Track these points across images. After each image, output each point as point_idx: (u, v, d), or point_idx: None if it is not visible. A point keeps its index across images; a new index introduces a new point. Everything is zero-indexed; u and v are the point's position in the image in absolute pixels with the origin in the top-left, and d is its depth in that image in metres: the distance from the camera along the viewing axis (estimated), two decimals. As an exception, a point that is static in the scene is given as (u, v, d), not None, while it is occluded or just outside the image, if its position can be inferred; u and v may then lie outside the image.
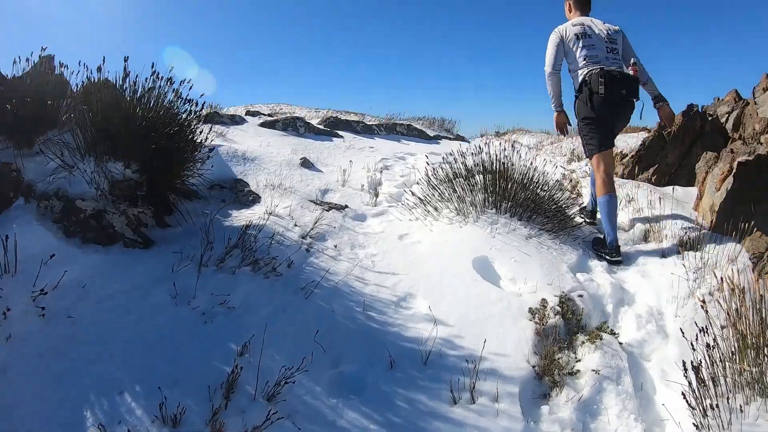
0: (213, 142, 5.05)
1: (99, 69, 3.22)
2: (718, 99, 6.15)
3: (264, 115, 7.19)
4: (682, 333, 2.13)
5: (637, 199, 4.10)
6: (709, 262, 2.92)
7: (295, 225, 3.47)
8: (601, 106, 3.13)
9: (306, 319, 2.50)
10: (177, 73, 3.33)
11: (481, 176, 3.73)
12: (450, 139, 8.31)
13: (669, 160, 4.75)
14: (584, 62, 3.19)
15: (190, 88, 3.51)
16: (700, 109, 6.44)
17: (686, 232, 3.34)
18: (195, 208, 3.65)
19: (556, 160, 5.95)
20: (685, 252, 3.13)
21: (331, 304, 2.65)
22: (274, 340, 2.31)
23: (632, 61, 3.24)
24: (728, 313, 2.12)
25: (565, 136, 3.59)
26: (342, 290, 2.80)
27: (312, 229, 3.44)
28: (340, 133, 6.88)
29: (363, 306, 2.66)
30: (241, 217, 3.55)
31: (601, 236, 3.40)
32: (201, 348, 2.15)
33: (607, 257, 3.21)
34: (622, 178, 4.83)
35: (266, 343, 2.18)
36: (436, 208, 3.67)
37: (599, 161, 3.24)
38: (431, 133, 8.12)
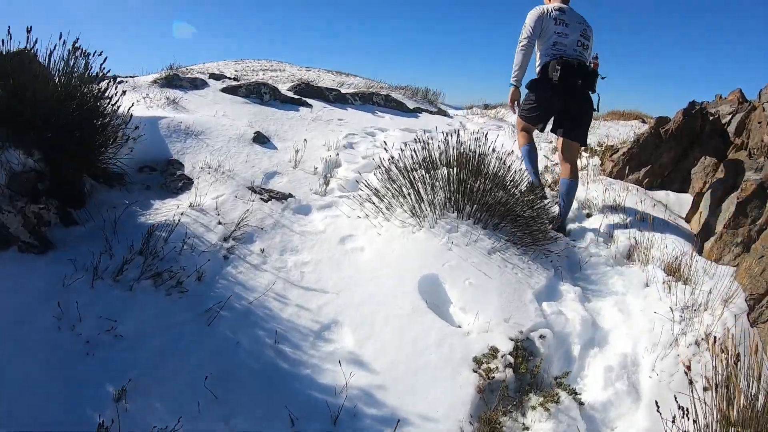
0: (156, 113, 4.42)
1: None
2: (720, 97, 5.58)
3: (228, 78, 6.49)
4: (657, 407, 1.67)
5: (625, 204, 3.59)
6: (700, 300, 2.45)
7: (219, 223, 2.91)
8: (550, 96, 3.27)
9: (203, 354, 2.02)
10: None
11: (446, 170, 3.18)
12: (431, 112, 7.66)
13: (663, 160, 4.22)
14: (552, 48, 3.23)
15: (104, 60, 2.92)
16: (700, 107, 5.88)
17: (676, 256, 2.86)
18: (114, 197, 3.10)
19: (539, 145, 5.38)
20: (674, 283, 2.66)
21: (237, 334, 2.16)
22: (163, 379, 1.87)
23: (595, 54, 3.35)
24: (714, 386, 1.67)
25: (514, 113, 3.61)
26: (255, 313, 2.29)
27: (237, 227, 2.89)
28: (310, 101, 6.22)
29: (276, 337, 2.16)
30: (162, 209, 3.00)
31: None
32: (73, 391, 1.74)
33: (535, 192, 3.31)
34: (611, 176, 4.30)
35: (150, 385, 1.78)
36: (388, 207, 3.13)
37: (521, 126, 3.52)
38: (411, 105, 7.47)
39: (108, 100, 3.06)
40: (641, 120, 8.33)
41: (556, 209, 3.44)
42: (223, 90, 5.84)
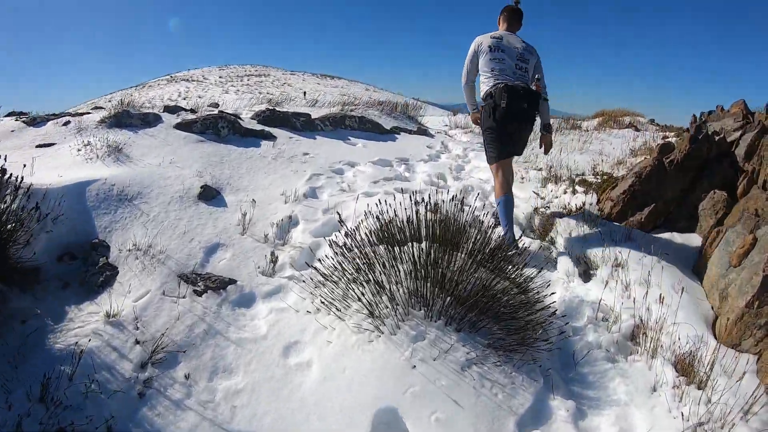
0: (87, 173, 3.88)
1: None
2: (722, 110, 5.05)
3: (185, 110, 5.91)
4: None
5: (628, 264, 3.08)
6: (716, 414, 1.97)
7: (137, 342, 2.41)
8: (502, 119, 3.29)
9: None
10: None
11: (414, 246, 2.65)
12: (410, 131, 7.09)
13: (668, 195, 3.70)
14: (491, 74, 3.35)
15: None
16: (700, 119, 5.36)
17: (690, 350, 2.36)
18: (25, 305, 2.61)
19: (529, 174, 4.85)
20: (686, 387, 2.17)
21: None
22: None
23: (537, 77, 3.42)
24: None
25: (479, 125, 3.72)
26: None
27: (158, 348, 2.38)
28: (275, 132, 5.67)
29: None
30: (76, 322, 2.55)
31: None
32: None
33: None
34: (610, 218, 3.78)
35: None
36: (344, 297, 2.61)
37: (498, 169, 3.43)
38: (388, 125, 6.91)
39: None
40: (634, 128, 7.78)
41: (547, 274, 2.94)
42: (178, 126, 5.30)
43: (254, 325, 2.66)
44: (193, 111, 5.93)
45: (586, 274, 3.20)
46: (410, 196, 3.14)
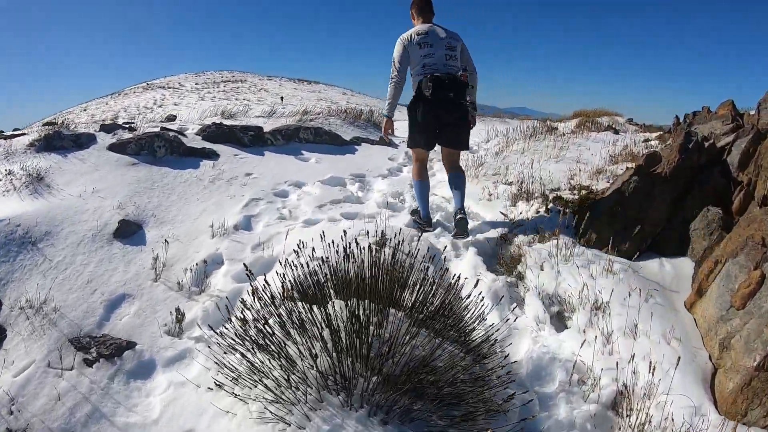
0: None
1: None
2: (709, 111, 4.57)
3: (123, 129, 5.29)
4: None
5: (609, 307, 2.54)
6: None
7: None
8: (427, 111, 3.34)
9: None
10: None
11: (336, 306, 2.09)
12: (372, 142, 6.52)
13: (655, 215, 3.18)
14: (422, 69, 3.35)
15: None
16: (684, 121, 4.88)
17: (683, 419, 1.83)
18: None
19: (497, 189, 4.30)
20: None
21: None
22: None
23: (464, 67, 3.44)
24: None
25: (388, 141, 4.12)
26: None
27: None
28: (219, 149, 5.08)
29: None
30: None
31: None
32: None
33: (423, 228, 3.52)
34: (589, 245, 3.24)
35: None
36: (250, 370, 2.03)
37: (416, 155, 3.62)
38: (348, 136, 6.35)
39: None
40: (613, 130, 7.29)
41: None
42: (111, 147, 4.70)
43: (148, 404, 2.11)
44: (131, 129, 5.31)
45: (560, 319, 2.66)
46: (365, 225, 2.56)
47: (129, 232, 3.40)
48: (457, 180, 3.50)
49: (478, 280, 2.37)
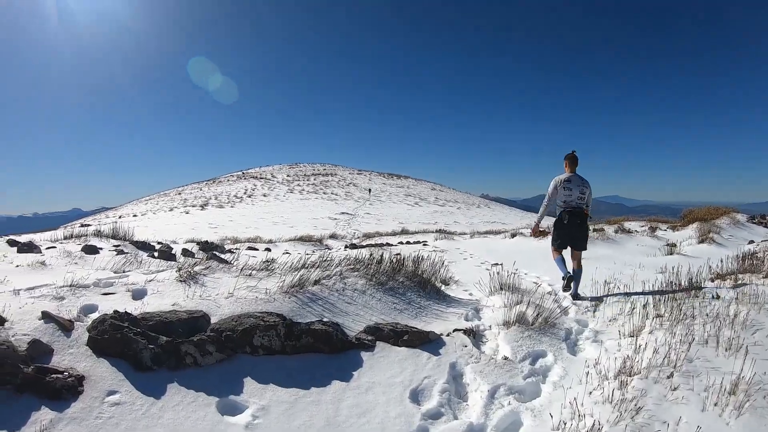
0: None
1: None
2: None
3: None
4: None
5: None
6: None
7: None
8: (563, 229, 5.50)
9: None
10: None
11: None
12: (401, 337, 3.70)
13: None
14: (562, 203, 5.46)
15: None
16: None
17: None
18: None
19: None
20: None
21: None
22: None
23: (587, 204, 5.52)
24: None
25: (535, 237, 7.61)
26: None
27: None
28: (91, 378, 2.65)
29: None
30: None
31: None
32: None
33: (564, 287, 5.42)
34: None
35: None
36: None
37: (554, 250, 5.66)
38: (360, 322, 3.68)
39: None
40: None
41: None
42: None
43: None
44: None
45: None
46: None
47: None
48: (578, 272, 5.53)
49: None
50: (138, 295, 3.71)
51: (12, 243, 6.85)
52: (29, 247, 6.17)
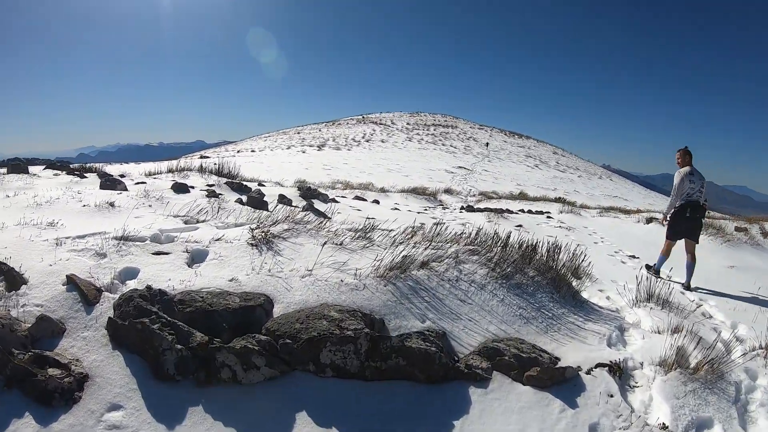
0: None
1: None
2: None
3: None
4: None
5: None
6: None
7: None
8: (684, 221, 5.60)
9: None
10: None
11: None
12: (528, 363, 2.57)
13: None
14: (686, 195, 5.54)
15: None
16: None
17: None
18: None
19: None
20: None
21: None
22: None
23: (705, 199, 5.62)
24: None
25: (664, 225, 6.07)
26: None
27: None
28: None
29: None
30: None
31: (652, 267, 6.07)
32: None
33: (654, 275, 5.76)
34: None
35: None
36: None
37: (668, 242, 5.83)
38: (474, 336, 2.52)
39: None
40: None
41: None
42: None
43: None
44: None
45: None
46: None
47: None
48: (692, 264, 5.53)
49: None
50: (196, 258, 2.98)
51: (102, 176, 6.75)
52: (113, 183, 5.89)
